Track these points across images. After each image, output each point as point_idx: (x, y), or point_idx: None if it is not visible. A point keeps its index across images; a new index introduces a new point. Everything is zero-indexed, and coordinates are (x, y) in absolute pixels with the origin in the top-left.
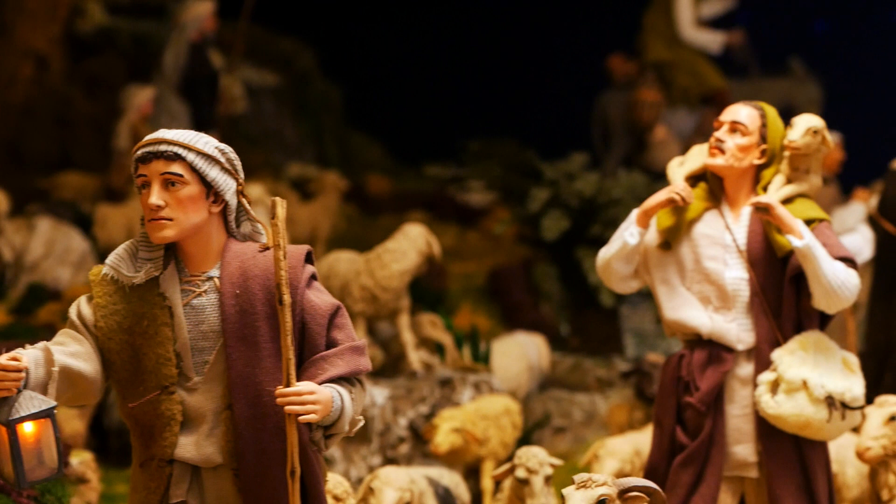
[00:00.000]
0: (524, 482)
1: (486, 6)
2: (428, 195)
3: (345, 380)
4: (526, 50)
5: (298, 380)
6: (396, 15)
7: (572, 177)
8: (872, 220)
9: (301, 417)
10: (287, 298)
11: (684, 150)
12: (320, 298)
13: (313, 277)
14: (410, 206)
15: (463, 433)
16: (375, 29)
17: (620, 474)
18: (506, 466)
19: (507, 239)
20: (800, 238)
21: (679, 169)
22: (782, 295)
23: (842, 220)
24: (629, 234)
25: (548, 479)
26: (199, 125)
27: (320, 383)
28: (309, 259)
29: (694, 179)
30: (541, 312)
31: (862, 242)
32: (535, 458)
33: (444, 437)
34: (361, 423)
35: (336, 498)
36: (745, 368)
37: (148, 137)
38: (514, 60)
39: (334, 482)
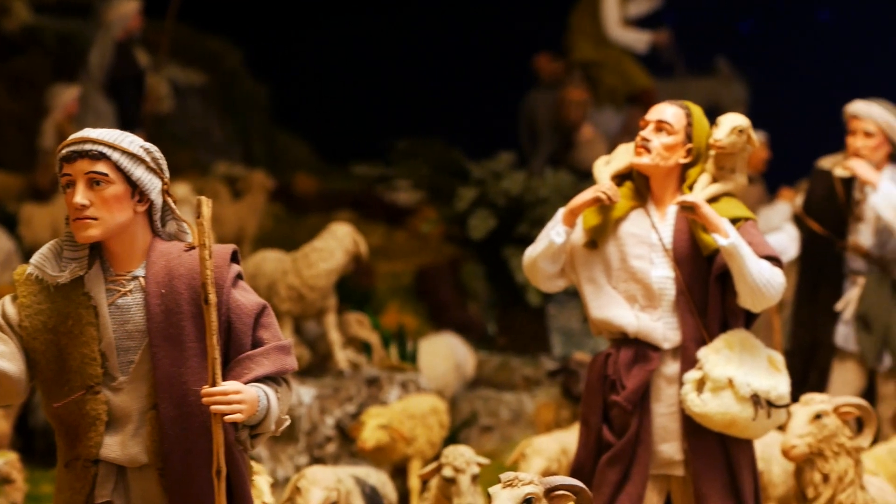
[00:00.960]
0: (451, 481)
1: (414, 5)
2: (355, 194)
3: (271, 379)
4: (453, 49)
5: (224, 379)
6: (323, 14)
7: (499, 176)
8: (798, 219)
9: (227, 417)
10: (213, 298)
11: (611, 149)
12: (246, 298)
13: (239, 277)
14: (337, 205)
15: (390, 430)
16: (302, 28)
17: (547, 473)
18: (432, 465)
19: (435, 238)
20: (725, 237)
21: (605, 168)
22: (708, 293)
23: (767, 219)
24: (555, 232)
25: (475, 478)
26: (125, 124)
27: (246, 383)
28: (235, 258)
29: (620, 178)
30: (468, 311)
31: (787, 241)
32: (462, 456)
33: (370, 433)
34: (287, 423)
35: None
36: (672, 367)
37: (73, 136)
38: (442, 60)
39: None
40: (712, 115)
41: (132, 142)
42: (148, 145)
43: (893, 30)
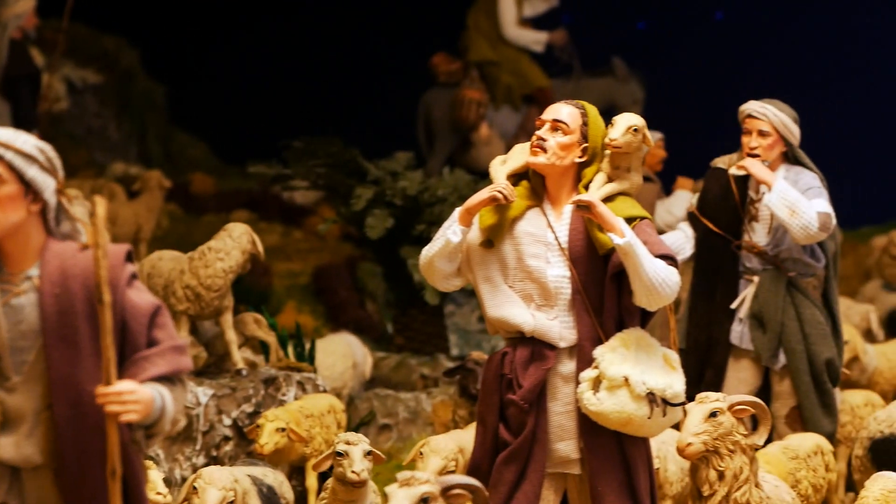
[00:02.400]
0: (343, 454)
1: (310, 5)
2: (252, 194)
3: (166, 379)
4: (350, 49)
5: (119, 379)
6: (220, 13)
7: (396, 175)
8: (693, 218)
9: (121, 417)
10: (107, 298)
11: (508, 148)
12: (141, 297)
13: (134, 276)
14: (234, 204)
15: (288, 432)
16: (199, 27)
17: (444, 472)
18: (327, 453)
19: (332, 237)
20: (621, 236)
21: (501, 167)
22: (604, 292)
23: (668, 209)
24: (452, 232)
25: (367, 454)
26: (21, 124)
27: (141, 383)
28: (129, 258)
29: (516, 178)
30: (365, 311)
31: (683, 240)
32: (354, 435)
33: (268, 437)
34: (183, 423)
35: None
36: (568, 366)
37: None
38: (338, 59)
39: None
40: (609, 114)
41: (26, 141)
42: (42, 145)
43: (787, 29)
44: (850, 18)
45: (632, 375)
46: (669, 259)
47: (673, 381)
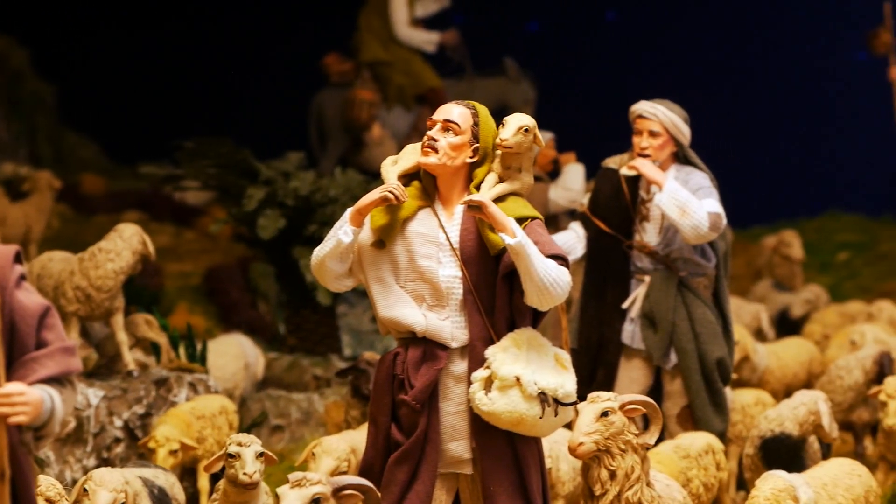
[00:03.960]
0: (235, 456)
1: (202, 5)
2: (143, 194)
3: (55, 381)
4: (241, 49)
5: (8, 381)
6: (111, 14)
7: (288, 176)
8: (584, 218)
9: (10, 419)
10: None
11: (400, 149)
12: (29, 299)
13: (22, 277)
14: (126, 205)
15: (180, 450)
16: (90, 27)
17: (336, 473)
18: (219, 454)
19: (224, 238)
20: (512, 236)
21: (393, 168)
22: (495, 292)
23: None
24: (343, 232)
25: (259, 455)
26: None
27: (30, 384)
28: (18, 259)
29: (408, 178)
30: (258, 311)
31: (574, 240)
32: (246, 436)
33: (164, 459)
34: (73, 425)
35: (49, 500)
36: (460, 366)
37: None
38: (230, 59)
39: (47, 484)
40: (500, 114)
41: None
42: None
43: (678, 30)
44: (740, 20)
45: (523, 375)
46: (560, 259)
47: (564, 381)
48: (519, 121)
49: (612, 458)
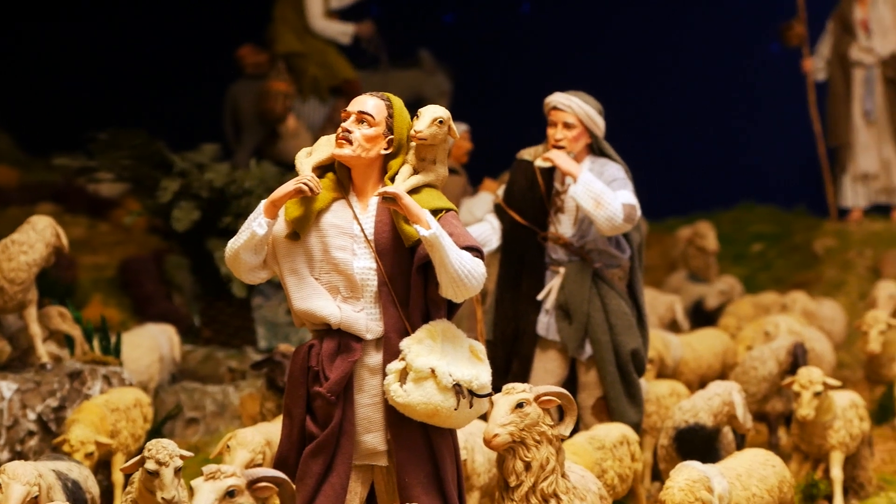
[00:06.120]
0: (154, 474)
1: None
2: (57, 186)
3: None
4: (155, 40)
5: None
6: (22, 4)
7: (203, 167)
8: (499, 210)
9: None
10: None
11: (315, 140)
12: None
13: None
14: (39, 197)
15: (97, 449)
16: (1, 17)
17: (251, 465)
18: (135, 459)
19: (138, 230)
20: (427, 227)
21: (307, 159)
22: (410, 284)
23: (471, 210)
24: (257, 224)
25: (178, 471)
26: None
27: None
28: None
29: (322, 170)
30: (173, 303)
31: (489, 232)
32: (165, 449)
33: (82, 459)
34: None
35: None
36: (375, 358)
37: None
38: (144, 50)
39: None
40: (416, 106)
41: None
42: None
43: (593, 22)
44: (655, 12)
45: (438, 367)
46: (475, 251)
47: (479, 373)
48: (433, 112)
49: (527, 449)
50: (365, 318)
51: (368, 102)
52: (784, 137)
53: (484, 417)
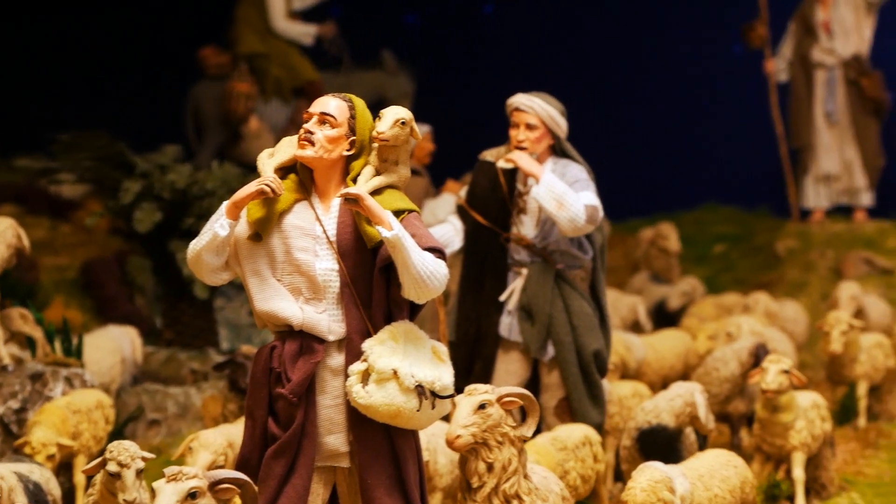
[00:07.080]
0: (116, 476)
1: None
2: (18, 188)
3: None
4: (117, 41)
5: None
6: None
7: (165, 169)
8: (462, 211)
9: None
10: None
11: (278, 141)
12: None
13: None
14: (0, 198)
15: (59, 450)
16: None
17: (213, 467)
18: (97, 461)
19: (100, 231)
20: (389, 229)
21: (269, 160)
22: (372, 285)
23: (434, 211)
24: (219, 225)
25: (139, 473)
26: None
27: None
28: None
29: (285, 171)
30: (135, 305)
31: (452, 233)
32: (127, 451)
33: (44, 461)
34: None
35: None
36: (337, 359)
37: None
38: (105, 51)
39: None
40: (379, 107)
41: None
42: None
43: (556, 23)
44: (617, 14)
45: (400, 368)
46: (437, 252)
47: (442, 374)
48: (395, 113)
49: (490, 450)
50: (327, 320)
51: (331, 104)
52: (746, 139)
53: (446, 418)
